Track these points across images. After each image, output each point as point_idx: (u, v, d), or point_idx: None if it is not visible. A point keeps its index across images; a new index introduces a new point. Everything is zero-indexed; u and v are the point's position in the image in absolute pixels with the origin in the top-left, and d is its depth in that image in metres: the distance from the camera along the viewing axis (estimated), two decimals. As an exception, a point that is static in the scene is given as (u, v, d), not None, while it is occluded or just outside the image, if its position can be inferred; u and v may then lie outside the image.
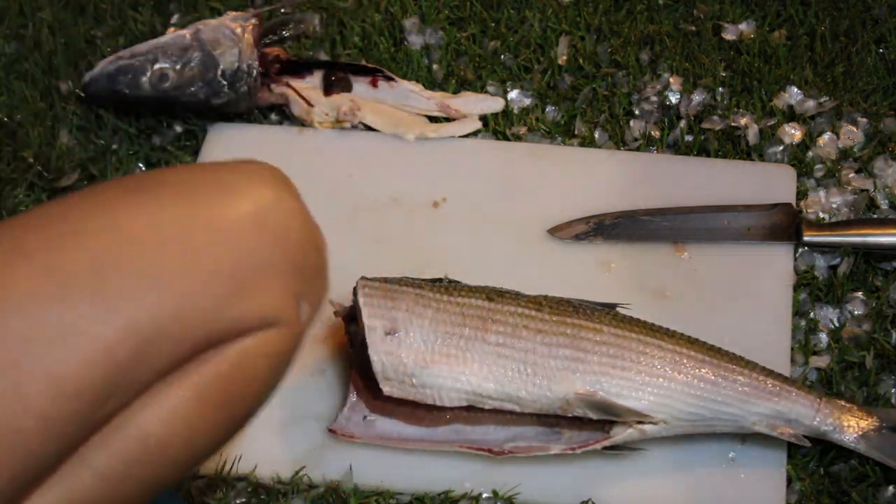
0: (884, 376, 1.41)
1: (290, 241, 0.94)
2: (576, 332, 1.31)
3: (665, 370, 1.30)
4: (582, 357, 1.30)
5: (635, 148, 1.63)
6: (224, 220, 0.91)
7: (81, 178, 1.60)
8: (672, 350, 1.31)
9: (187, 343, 0.87)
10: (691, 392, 1.30)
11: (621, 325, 1.33)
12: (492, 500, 1.32)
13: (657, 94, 1.67)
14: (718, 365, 1.31)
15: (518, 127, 1.65)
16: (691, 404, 1.30)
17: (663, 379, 1.30)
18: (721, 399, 1.30)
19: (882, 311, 1.46)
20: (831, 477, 1.33)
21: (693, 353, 1.31)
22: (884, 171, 1.57)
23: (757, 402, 1.30)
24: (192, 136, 1.66)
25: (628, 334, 1.32)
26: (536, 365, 1.30)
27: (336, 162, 1.62)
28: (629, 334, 1.32)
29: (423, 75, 1.70)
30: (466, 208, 1.56)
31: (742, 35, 1.72)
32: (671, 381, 1.30)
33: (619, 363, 1.30)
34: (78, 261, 0.85)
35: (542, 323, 1.32)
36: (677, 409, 1.30)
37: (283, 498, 1.32)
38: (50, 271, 0.84)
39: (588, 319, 1.33)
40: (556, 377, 1.29)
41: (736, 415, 1.30)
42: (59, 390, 0.82)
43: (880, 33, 1.73)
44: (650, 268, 1.50)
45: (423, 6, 1.77)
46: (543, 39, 1.73)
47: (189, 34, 1.65)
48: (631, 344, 1.31)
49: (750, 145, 1.61)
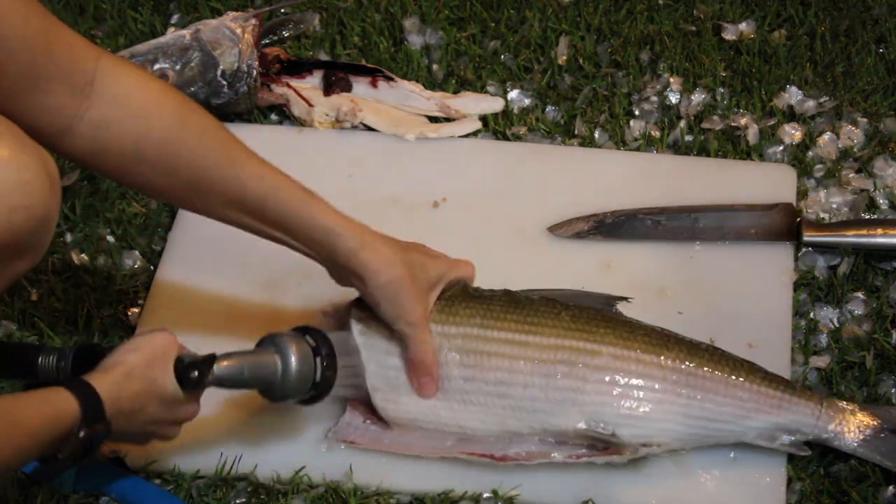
0: (884, 376, 1.40)
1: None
2: (574, 357, 1.30)
3: (665, 394, 1.29)
4: (580, 387, 1.29)
5: (635, 148, 1.63)
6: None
7: (81, 177, 1.60)
8: (672, 368, 1.30)
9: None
10: (691, 414, 1.29)
11: (619, 343, 1.31)
12: (492, 500, 1.32)
13: (657, 94, 1.67)
14: (719, 380, 1.30)
15: (518, 127, 1.65)
16: (692, 426, 1.29)
17: (663, 404, 1.29)
18: (721, 419, 1.29)
19: (882, 311, 1.46)
20: (831, 477, 1.33)
21: (693, 370, 1.30)
22: (884, 171, 1.57)
23: (757, 416, 1.29)
24: (192, 136, 1.66)
25: (627, 354, 1.30)
26: (536, 400, 1.30)
27: (336, 162, 1.62)
28: (628, 354, 1.30)
29: (423, 75, 1.70)
30: (466, 208, 1.56)
31: (742, 35, 1.72)
32: (671, 405, 1.29)
33: (618, 391, 1.29)
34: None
35: (540, 351, 1.31)
36: (677, 432, 1.30)
37: (283, 498, 1.32)
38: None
39: (586, 338, 1.31)
40: (556, 411, 1.29)
41: (735, 431, 1.30)
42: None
43: (880, 33, 1.73)
44: (650, 266, 1.50)
45: (423, 6, 1.77)
46: (543, 39, 1.73)
47: (189, 34, 1.65)
48: (630, 366, 1.30)
49: (750, 145, 1.61)
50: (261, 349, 1.27)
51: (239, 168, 1.27)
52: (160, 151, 1.25)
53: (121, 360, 1.21)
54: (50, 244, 1.18)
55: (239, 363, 1.25)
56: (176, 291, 1.49)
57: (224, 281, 1.50)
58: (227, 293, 1.48)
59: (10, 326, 1.46)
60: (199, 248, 1.53)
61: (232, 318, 1.46)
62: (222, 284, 1.49)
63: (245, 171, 1.27)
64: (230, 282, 1.50)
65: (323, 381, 1.27)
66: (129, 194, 1.59)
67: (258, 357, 1.26)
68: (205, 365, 1.23)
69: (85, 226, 1.56)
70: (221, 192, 1.27)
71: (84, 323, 1.46)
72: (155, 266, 1.52)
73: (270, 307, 1.46)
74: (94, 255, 1.53)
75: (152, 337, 1.25)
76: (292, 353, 1.25)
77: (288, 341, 1.26)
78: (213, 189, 1.27)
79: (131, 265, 1.53)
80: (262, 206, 1.28)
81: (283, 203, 1.28)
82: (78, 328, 1.46)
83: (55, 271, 1.51)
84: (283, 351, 1.25)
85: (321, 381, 1.27)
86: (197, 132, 1.27)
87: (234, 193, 1.27)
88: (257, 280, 1.49)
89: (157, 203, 1.59)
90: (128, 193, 1.59)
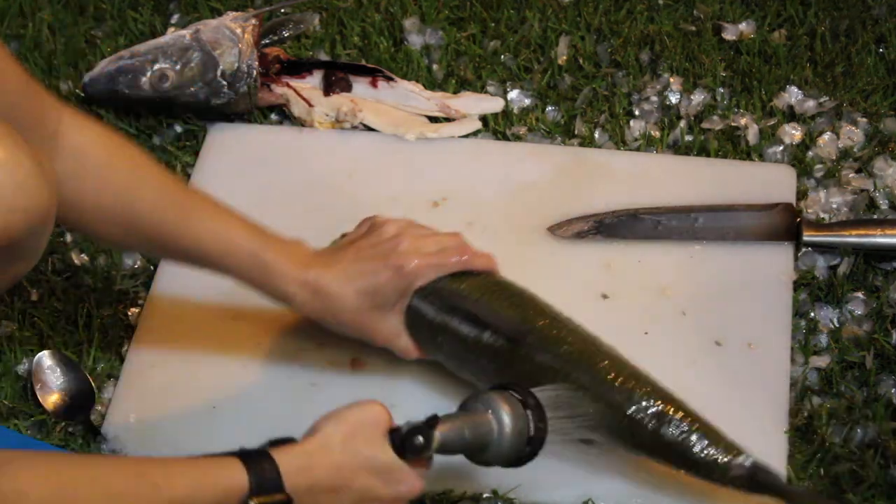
0: (884, 376, 1.40)
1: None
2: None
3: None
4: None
5: (635, 148, 1.63)
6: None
7: (81, 178, 1.60)
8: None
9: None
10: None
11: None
12: (492, 499, 1.32)
13: (657, 94, 1.67)
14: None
15: (518, 127, 1.65)
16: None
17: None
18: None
19: (882, 311, 1.46)
20: (831, 478, 1.33)
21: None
22: (884, 171, 1.57)
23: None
24: (192, 136, 1.66)
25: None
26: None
27: (336, 162, 1.62)
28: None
29: (423, 75, 1.70)
30: (466, 208, 1.56)
31: (742, 35, 1.72)
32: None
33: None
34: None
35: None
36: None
37: (283, 498, 1.32)
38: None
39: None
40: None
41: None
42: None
43: (880, 33, 1.73)
44: (650, 266, 1.50)
45: (423, 6, 1.77)
46: (543, 39, 1.73)
47: (189, 34, 1.65)
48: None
49: (750, 145, 1.61)
50: (470, 408, 1.20)
51: (195, 224, 1.27)
52: (118, 209, 1.25)
53: (318, 428, 1.15)
54: (50, 244, 1.17)
55: (460, 424, 1.19)
56: (176, 292, 1.49)
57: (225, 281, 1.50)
58: (227, 293, 1.48)
59: (11, 326, 1.46)
60: (199, 248, 1.53)
61: (233, 318, 1.46)
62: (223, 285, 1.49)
63: (202, 228, 1.28)
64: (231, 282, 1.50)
65: (537, 434, 1.20)
66: (129, 194, 1.60)
67: (473, 416, 1.19)
68: (429, 428, 1.15)
69: (85, 226, 1.56)
70: (179, 248, 1.29)
71: (84, 323, 1.46)
72: (155, 266, 1.52)
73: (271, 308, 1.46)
74: (94, 255, 1.53)
75: (361, 406, 1.17)
76: (504, 409, 1.19)
77: (496, 397, 1.20)
78: (170, 246, 1.29)
79: (131, 265, 1.52)
80: (219, 261, 1.29)
81: (237, 261, 1.30)
82: (78, 328, 1.46)
83: (55, 271, 1.51)
84: (494, 407, 1.19)
85: (535, 436, 1.20)
86: (155, 188, 1.27)
87: (192, 251, 1.29)
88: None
89: (157, 203, 1.59)
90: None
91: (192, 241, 1.28)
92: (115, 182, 1.25)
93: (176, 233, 1.27)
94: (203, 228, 1.28)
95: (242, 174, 1.60)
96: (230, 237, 1.29)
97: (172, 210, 1.27)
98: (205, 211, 1.29)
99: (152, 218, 1.27)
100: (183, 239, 1.28)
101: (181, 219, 1.27)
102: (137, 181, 1.26)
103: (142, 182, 1.27)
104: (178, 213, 1.27)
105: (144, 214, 1.26)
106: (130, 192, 1.26)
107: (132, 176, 1.26)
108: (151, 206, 1.26)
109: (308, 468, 1.12)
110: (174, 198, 1.28)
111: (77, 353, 1.45)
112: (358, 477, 1.14)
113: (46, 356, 1.42)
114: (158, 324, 1.47)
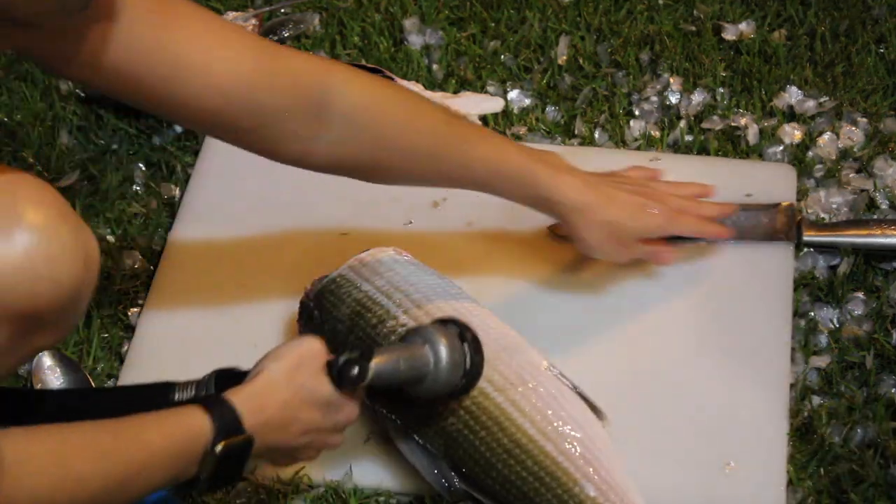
0: (884, 376, 1.41)
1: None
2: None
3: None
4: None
5: (635, 148, 1.63)
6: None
7: (81, 177, 1.61)
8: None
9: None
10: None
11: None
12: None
13: (657, 94, 1.67)
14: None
15: (518, 127, 1.65)
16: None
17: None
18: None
19: (882, 311, 1.46)
20: (831, 478, 1.33)
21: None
22: (884, 171, 1.57)
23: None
24: (192, 136, 1.66)
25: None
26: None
27: (336, 162, 1.62)
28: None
29: (423, 75, 1.70)
30: (466, 208, 1.56)
31: (742, 35, 1.72)
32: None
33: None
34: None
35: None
36: None
37: (284, 498, 1.32)
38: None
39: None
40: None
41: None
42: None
43: (880, 33, 1.73)
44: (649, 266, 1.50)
45: (423, 6, 1.77)
46: (543, 39, 1.73)
47: (189, 34, 1.65)
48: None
49: (750, 145, 1.61)
50: (408, 342, 1.23)
51: (469, 151, 1.32)
52: (395, 157, 1.30)
53: (262, 369, 1.17)
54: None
55: (396, 356, 1.20)
56: (176, 292, 1.49)
57: (224, 281, 1.50)
58: (227, 293, 1.48)
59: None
60: (199, 248, 1.53)
61: (232, 318, 1.46)
62: (222, 285, 1.50)
63: (474, 154, 1.32)
64: (230, 282, 1.50)
65: (473, 367, 1.23)
66: (129, 194, 1.60)
67: (410, 349, 1.21)
68: (363, 360, 1.17)
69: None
70: (452, 178, 1.34)
71: (84, 323, 1.46)
72: (155, 266, 1.52)
73: (271, 308, 1.46)
74: (94, 256, 1.53)
75: (297, 343, 1.20)
76: (441, 342, 1.21)
77: (434, 330, 1.22)
78: (442, 178, 1.34)
79: (131, 265, 1.53)
80: (486, 184, 1.35)
81: (505, 181, 1.35)
82: (78, 328, 1.46)
83: (55, 271, 1.51)
84: (432, 339, 1.21)
85: (471, 368, 1.23)
86: (428, 130, 1.31)
87: (464, 178, 1.34)
88: (257, 281, 1.49)
89: (157, 203, 1.59)
90: (128, 193, 1.60)
91: (463, 170, 1.33)
92: (389, 136, 1.28)
93: (447, 165, 1.32)
94: (476, 154, 1.32)
95: (242, 174, 1.60)
96: (499, 160, 1.34)
97: (447, 147, 1.31)
98: (475, 138, 1.34)
99: (430, 162, 1.32)
100: (454, 169, 1.33)
101: (455, 151, 1.32)
102: (411, 130, 1.30)
103: (415, 129, 1.30)
104: (452, 147, 1.32)
105: (422, 159, 1.31)
106: (405, 141, 1.30)
107: (405, 126, 1.30)
108: (428, 150, 1.31)
109: (260, 408, 1.14)
110: (447, 132, 1.32)
111: (77, 353, 1.45)
112: (302, 411, 1.17)
113: (46, 356, 1.42)
114: (158, 325, 1.47)
